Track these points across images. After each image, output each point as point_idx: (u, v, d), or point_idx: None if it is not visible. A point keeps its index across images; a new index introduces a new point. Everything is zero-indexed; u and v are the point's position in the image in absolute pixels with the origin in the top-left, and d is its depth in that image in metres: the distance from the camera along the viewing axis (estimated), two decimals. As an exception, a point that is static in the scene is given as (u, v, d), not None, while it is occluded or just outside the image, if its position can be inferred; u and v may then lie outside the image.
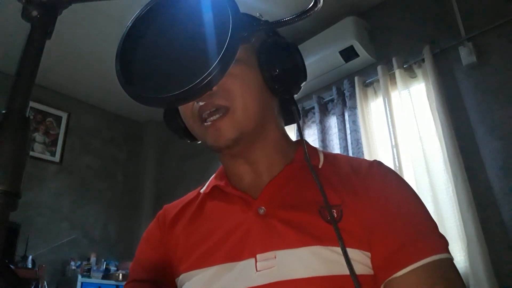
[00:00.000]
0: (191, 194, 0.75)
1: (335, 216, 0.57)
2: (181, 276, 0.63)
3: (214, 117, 0.60)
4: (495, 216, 1.90)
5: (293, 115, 0.69)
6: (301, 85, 0.67)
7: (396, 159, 2.22)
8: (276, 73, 0.63)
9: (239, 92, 0.60)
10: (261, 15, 0.61)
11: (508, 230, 1.85)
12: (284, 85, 0.64)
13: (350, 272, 0.51)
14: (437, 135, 2.14)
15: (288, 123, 0.73)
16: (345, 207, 0.58)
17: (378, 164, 0.65)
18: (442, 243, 0.55)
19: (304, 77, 0.66)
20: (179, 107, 0.67)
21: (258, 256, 0.57)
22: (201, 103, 0.60)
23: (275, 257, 0.56)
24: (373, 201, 0.58)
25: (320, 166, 0.66)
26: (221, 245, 0.61)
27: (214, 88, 0.58)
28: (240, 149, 0.64)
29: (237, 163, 0.67)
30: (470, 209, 1.88)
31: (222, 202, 0.67)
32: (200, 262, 0.61)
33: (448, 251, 0.54)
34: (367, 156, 2.31)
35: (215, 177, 0.71)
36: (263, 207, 0.61)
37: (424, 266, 0.52)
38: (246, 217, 0.62)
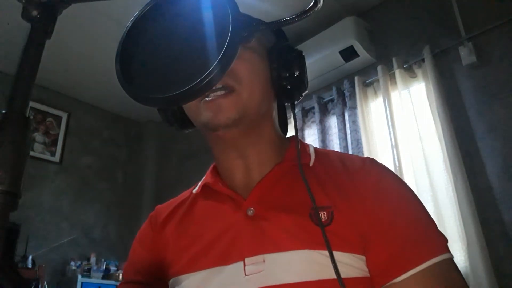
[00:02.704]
0: (184, 195, 0.75)
1: (326, 218, 0.56)
2: (171, 280, 0.63)
3: (218, 93, 0.58)
4: (495, 216, 1.90)
5: (289, 121, 0.71)
6: (302, 94, 0.67)
7: (396, 159, 2.22)
8: (286, 75, 0.63)
9: (248, 76, 0.60)
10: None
11: (508, 230, 1.85)
12: (289, 88, 0.64)
13: (337, 276, 0.50)
14: (437, 135, 2.14)
15: (284, 131, 0.74)
16: (336, 209, 0.57)
17: (370, 162, 0.64)
18: (441, 242, 0.54)
19: (306, 87, 0.67)
20: None
21: (246, 259, 0.56)
22: None
23: (264, 261, 0.55)
24: (367, 203, 0.57)
25: (310, 165, 0.65)
26: (210, 248, 0.60)
27: None
28: (235, 134, 0.62)
29: (229, 157, 0.66)
30: (470, 209, 1.88)
31: (212, 203, 0.67)
32: (189, 266, 0.61)
33: (447, 250, 0.54)
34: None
35: (207, 175, 0.71)
36: (252, 208, 0.60)
37: (425, 270, 0.51)
38: (235, 219, 0.61)
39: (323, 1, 0.48)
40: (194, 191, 0.72)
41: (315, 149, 0.70)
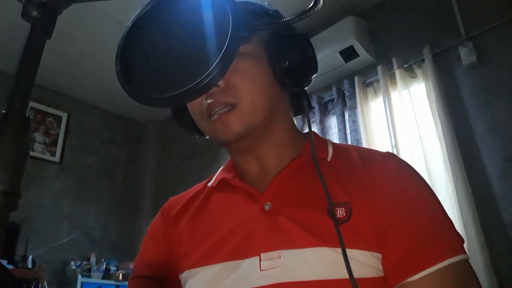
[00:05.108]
0: (197, 187, 0.74)
1: (344, 215, 0.55)
2: (184, 273, 0.62)
3: (221, 111, 0.59)
4: (495, 216, 1.90)
5: (303, 108, 0.68)
6: (312, 78, 0.65)
7: (396, 159, 2.21)
8: (285, 65, 0.61)
9: (246, 88, 0.59)
10: (269, 4, 0.61)
11: (508, 230, 1.85)
12: (293, 78, 0.62)
13: (349, 276, 0.50)
14: (437, 135, 2.14)
15: (297, 114, 0.71)
16: (354, 206, 0.56)
17: (390, 157, 0.62)
18: (457, 243, 0.53)
19: (314, 69, 0.64)
20: (188, 104, 0.66)
21: (262, 255, 0.56)
22: (209, 101, 0.59)
23: (280, 257, 0.54)
24: (385, 199, 0.55)
25: (328, 159, 0.64)
26: (225, 242, 0.60)
27: (222, 85, 0.58)
28: (248, 144, 0.62)
29: (245, 158, 0.66)
30: (470, 209, 1.88)
31: (228, 196, 0.66)
32: (204, 259, 0.60)
33: (463, 251, 0.52)
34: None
35: (223, 169, 0.71)
36: (269, 203, 0.60)
37: (440, 271, 0.50)
38: (252, 213, 0.60)
39: (323, 1, 0.48)
40: (209, 184, 0.71)
41: (334, 144, 0.68)
